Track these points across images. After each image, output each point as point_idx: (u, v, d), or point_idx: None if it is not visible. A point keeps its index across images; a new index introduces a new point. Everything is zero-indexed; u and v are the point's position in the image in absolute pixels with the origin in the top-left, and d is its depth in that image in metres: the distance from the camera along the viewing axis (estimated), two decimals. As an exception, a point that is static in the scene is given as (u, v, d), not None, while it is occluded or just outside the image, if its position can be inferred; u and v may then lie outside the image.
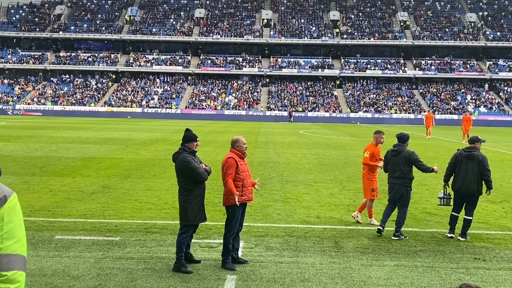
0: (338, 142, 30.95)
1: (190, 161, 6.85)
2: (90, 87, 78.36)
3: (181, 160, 6.86)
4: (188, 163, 6.82)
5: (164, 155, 21.13)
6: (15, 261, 1.98)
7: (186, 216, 6.90)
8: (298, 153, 23.20)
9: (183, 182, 6.92)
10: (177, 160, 6.94)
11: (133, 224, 9.24)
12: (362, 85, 79.81)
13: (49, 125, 43.60)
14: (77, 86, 78.20)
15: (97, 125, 45.85)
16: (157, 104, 74.30)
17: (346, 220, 9.94)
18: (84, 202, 11.16)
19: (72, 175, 15.00)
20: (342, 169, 17.95)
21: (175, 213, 9.75)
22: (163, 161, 18.82)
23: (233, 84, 79.53)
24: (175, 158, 7.01)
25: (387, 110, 72.99)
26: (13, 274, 1.97)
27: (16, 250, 1.99)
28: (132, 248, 7.78)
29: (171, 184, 13.37)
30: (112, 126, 43.78)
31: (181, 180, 6.93)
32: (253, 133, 38.23)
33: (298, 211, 10.67)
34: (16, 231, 2.01)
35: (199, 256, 7.44)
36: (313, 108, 73.15)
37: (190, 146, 7.02)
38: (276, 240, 8.35)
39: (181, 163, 6.85)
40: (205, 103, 74.24)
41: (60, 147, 23.50)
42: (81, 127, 41.51)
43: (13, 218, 2.01)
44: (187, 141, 7.03)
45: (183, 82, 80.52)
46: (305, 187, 13.92)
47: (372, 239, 8.61)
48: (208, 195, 11.96)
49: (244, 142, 7.22)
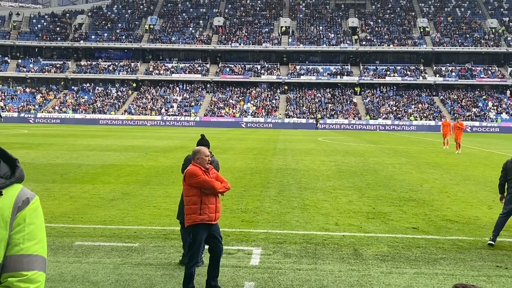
0: (357, 149, 30.79)
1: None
2: (110, 95, 79.27)
3: (215, 161, 7.23)
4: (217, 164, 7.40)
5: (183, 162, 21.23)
6: (36, 262, 2.02)
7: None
8: (317, 160, 23.14)
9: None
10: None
11: (152, 231, 9.29)
12: (381, 92, 79.36)
13: (69, 133, 44.18)
14: (97, 95, 79.16)
15: (117, 133, 46.31)
16: (176, 111, 74.81)
17: (365, 228, 9.87)
18: (104, 208, 11.27)
19: (92, 182, 15.16)
20: (361, 176, 17.85)
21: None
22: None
23: (252, 91, 79.72)
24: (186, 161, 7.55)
25: (407, 117, 72.43)
26: (33, 274, 2.01)
27: (37, 251, 2.03)
28: (151, 254, 7.82)
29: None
30: (132, 134, 44.19)
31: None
32: (272, 140, 38.23)
33: (317, 218, 10.63)
34: (37, 232, 2.05)
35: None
36: (332, 115, 72.92)
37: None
38: (294, 247, 8.33)
39: (216, 164, 7.34)
40: (223, 111, 74.51)
41: (81, 154, 23.79)
42: (101, 135, 41.97)
43: (34, 220, 2.06)
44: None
45: (202, 90, 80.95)
46: (323, 194, 13.87)
47: (392, 246, 8.54)
48: (226, 202, 12.01)
49: (206, 154, 6.04)
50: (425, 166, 21.34)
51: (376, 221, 10.50)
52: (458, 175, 18.48)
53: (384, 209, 11.83)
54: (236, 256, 7.67)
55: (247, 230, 9.42)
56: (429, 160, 23.95)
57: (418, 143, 38.09)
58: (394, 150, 30.09)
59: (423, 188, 15.32)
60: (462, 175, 18.62)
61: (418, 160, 24.11)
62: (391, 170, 19.73)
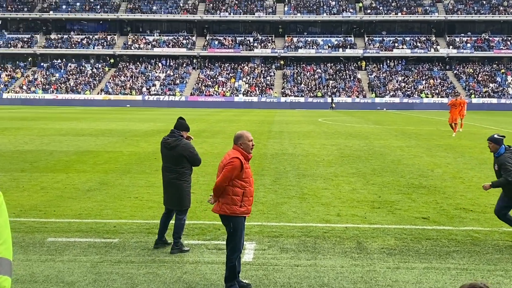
0: (361, 131, 30.86)
1: (194, 148, 7.99)
2: (84, 72, 78.81)
3: (186, 147, 7.88)
4: (193, 150, 7.95)
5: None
6: (0, 265, 2.01)
7: (184, 201, 8.01)
8: (317, 144, 23.19)
9: (184, 168, 7.94)
10: (179, 146, 7.86)
11: (133, 225, 9.33)
12: (388, 66, 79.35)
13: (39, 115, 43.98)
14: (70, 72, 78.65)
15: (93, 115, 46.13)
16: (159, 91, 74.58)
17: (370, 218, 9.94)
18: (79, 200, 11.28)
19: (66, 171, 15.14)
20: (366, 161, 17.93)
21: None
22: (166, 154, 18.94)
23: (244, 67, 79.50)
24: (175, 144, 7.88)
25: (417, 94, 72.56)
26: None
27: (1, 253, 2.02)
28: (133, 251, 7.86)
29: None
30: (110, 116, 44.04)
31: (181, 165, 7.92)
32: (266, 122, 38.24)
33: (317, 209, 10.70)
34: (1, 232, 2.04)
35: (206, 259, 7.52)
36: (334, 93, 72.94)
37: (184, 134, 8.08)
38: (291, 241, 8.39)
39: (186, 149, 7.86)
40: (212, 89, 74.37)
41: (53, 140, 23.70)
42: (75, 117, 41.80)
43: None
44: (183, 130, 8.09)
45: (188, 66, 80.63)
46: (324, 181, 13.93)
47: (400, 239, 8.61)
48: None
49: (250, 138, 6.46)
50: (436, 149, 21.43)
51: (382, 210, 10.58)
52: (474, 159, 18.58)
53: (391, 197, 11.92)
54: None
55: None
56: (441, 142, 24.05)
57: (429, 124, 38.21)
58: (402, 132, 30.18)
59: (434, 173, 15.40)
60: (478, 158, 18.73)
61: (429, 142, 24.20)
62: (399, 154, 19.81)
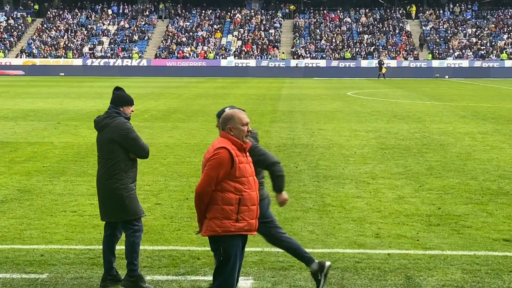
0: (412, 109, 30.78)
1: (131, 129, 7.89)
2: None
3: (119, 127, 7.80)
4: (129, 131, 7.83)
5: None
6: None
7: (125, 208, 7.82)
8: (345, 130, 23.13)
9: (116, 160, 7.80)
10: (110, 126, 7.85)
11: (70, 252, 9.31)
12: (452, 12, 79.23)
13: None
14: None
15: (9, 88, 45.94)
16: (108, 51, 74.38)
17: (425, 241, 9.93)
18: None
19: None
20: (419, 155, 17.90)
21: (143, 229, 9.79)
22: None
23: (235, 15, 79.34)
24: (104, 124, 7.92)
25: (495, 54, 72.49)
26: None
27: None
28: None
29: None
30: (35, 91, 43.83)
31: (110, 156, 7.83)
32: (269, 98, 38.14)
33: (345, 227, 10.68)
34: None
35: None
36: (370, 53, 72.84)
37: (125, 110, 8.07)
38: (307, 276, 8.38)
39: (119, 131, 7.78)
40: (187, 49, 74.21)
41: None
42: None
43: None
44: (121, 104, 8.06)
45: (151, 13, 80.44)
46: (356, 186, 13.91)
47: (470, 271, 8.61)
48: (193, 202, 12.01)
49: (245, 121, 6.51)
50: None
51: (443, 229, 10.57)
52: None
53: (457, 209, 11.90)
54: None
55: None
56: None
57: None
58: (473, 111, 30.11)
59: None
60: None
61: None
62: (469, 145, 19.78)
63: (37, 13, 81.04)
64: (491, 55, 72.46)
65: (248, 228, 6.43)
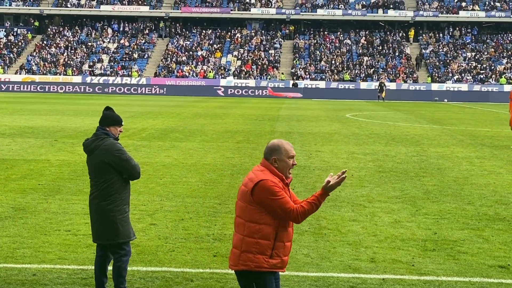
0: (410, 132, 30.81)
1: (122, 150, 7.97)
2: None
3: (110, 149, 7.85)
4: (121, 153, 7.90)
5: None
6: None
7: (114, 231, 7.89)
8: (342, 152, 23.15)
9: (110, 182, 7.87)
10: (100, 149, 7.88)
11: (63, 272, 9.28)
12: (452, 36, 79.47)
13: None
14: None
15: (7, 104, 45.96)
16: (108, 69, 74.49)
17: (420, 267, 9.91)
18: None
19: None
20: (416, 179, 17.91)
21: (137, 250, 9.76)
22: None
23: (235, 35, 79.52)
24: (94, 147, 7.93)
25: (494, 78, 72.62)
26: None
27: None
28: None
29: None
30: (33, 107, 43.87)
31: (103, 178, 7.90)
32: (268, 118, 38.17)
33: (340, 250, 10.66)
34: None
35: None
36: (369, 75, 72.99)
37: (112, 131, 8.10)
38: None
39: (111, 153, 7.83)
40: (187, 68, 74.33)
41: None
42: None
43: None
44: (109, 124, 8.08)
45: (151, 32, 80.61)
46: (352, 209, 13.89)
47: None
48: (189, 223, 11.95)
49: (291, 153, 6.36)
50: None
51: (439, 254, 10.56)
52: None
53: (453, 234, 11.88)
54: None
55: (222, 272, 9.40)
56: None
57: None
58: (471, 135, 30.13)
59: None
60: None
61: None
62: (466, 169, 19.77)
63: (37, 29, 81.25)
64: (490, 79, 72.62)
65: (281, 265, 6.28)
